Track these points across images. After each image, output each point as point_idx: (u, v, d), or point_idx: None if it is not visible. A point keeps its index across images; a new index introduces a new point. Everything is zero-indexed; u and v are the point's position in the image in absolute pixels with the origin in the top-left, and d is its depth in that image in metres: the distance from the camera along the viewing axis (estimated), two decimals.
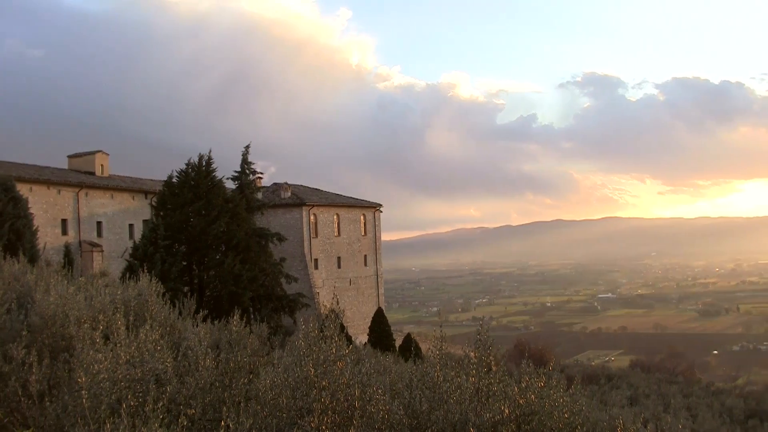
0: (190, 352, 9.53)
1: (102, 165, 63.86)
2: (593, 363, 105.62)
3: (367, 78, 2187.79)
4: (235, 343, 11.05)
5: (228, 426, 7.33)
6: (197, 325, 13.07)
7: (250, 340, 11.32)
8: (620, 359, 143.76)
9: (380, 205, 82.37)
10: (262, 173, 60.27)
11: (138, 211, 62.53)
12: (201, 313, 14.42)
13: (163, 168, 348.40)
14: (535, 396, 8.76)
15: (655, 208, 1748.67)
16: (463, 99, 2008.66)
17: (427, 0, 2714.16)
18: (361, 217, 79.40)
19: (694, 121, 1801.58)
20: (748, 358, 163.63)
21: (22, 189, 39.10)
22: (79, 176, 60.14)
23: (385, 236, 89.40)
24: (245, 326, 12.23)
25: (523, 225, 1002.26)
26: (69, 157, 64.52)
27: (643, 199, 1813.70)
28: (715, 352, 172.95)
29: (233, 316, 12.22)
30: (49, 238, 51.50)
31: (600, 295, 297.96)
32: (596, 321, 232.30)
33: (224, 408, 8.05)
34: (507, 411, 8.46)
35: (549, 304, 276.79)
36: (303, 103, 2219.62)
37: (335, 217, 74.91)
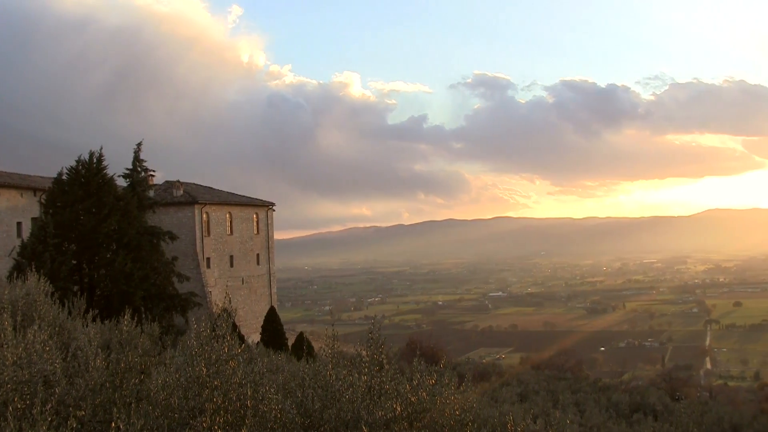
0: (79, 352, 9.40)
1: None
2: (484, 360, 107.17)
3: (257, 76, 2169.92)
4: (126, 343, 10.95)
5: (119, 427, 7.27)
6: (87, 325, 12.87)
7: (141, 339, 11.22)
8: (511, 357, 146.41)
9: (273, 204, 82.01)
10: (154, 171, 59.43)
11: (26, 208, 61.01)
12: (91, 313, 14.21)
13: (52, 165, 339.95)
14: (427, 393, 8.89)
15: (545, 208, 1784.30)
16: (354, 98, 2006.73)
17: (319, 0, 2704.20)
18: (254, 216, 78.91)
19: (581, 123, 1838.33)
20: (633, 354, 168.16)
21: None
22: None
23: (278, 235, 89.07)
24: (136, 326, 12.12)
25: (415, 224, 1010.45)
26: None
27: (533, 199, 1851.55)
28: (603, 348, 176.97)
29: (124, 316, 12.10)
30: None
31: (491, 294, 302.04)
32: (487, 319, 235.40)
33: (115, 409, 7.97)
34: (399, 409, 8.56)
35: (441, 303, 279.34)
36: (193, 100, 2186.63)
37: (228, 215, 74.30)
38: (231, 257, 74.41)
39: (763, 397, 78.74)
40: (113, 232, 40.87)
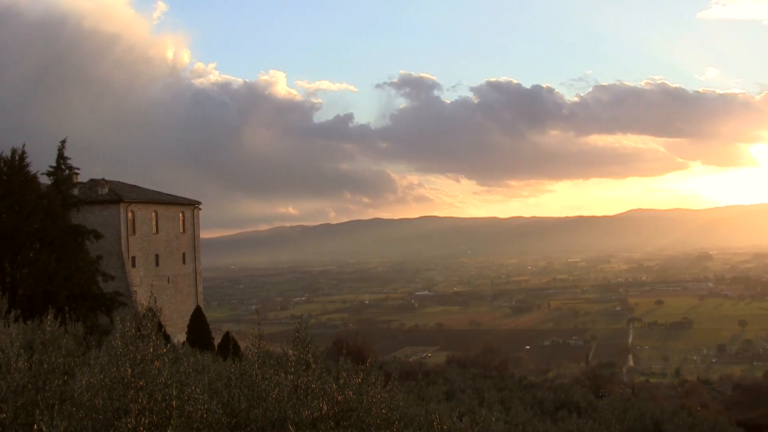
0: (1, 353, 9.27)
1: None
2: (411, 359, 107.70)
3: (182, 74, 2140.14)
4: (49, 344, 10.80)
5: (41, 429, 7.18)
6: (9, 326, 12.69)
7: (65, 340, 11.08)
8: (437, 355, 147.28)
9: (199, 203, 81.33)
10: (78, 169, 58.60)
11: None
12: (13, 313, 14.01)
13: None
14: (354, 392, 8.92)
15: (470, 207, 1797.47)
16: (280, 97, 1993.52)
17: None
18: (180, 215, 78.17)
19: (507, 123, 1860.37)
20: (558, 352, 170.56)
21: None
22: None
23: (204, 234, 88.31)
24: (60, 326, 11.96)
25: (341, 224, 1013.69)
26: None
27: (459, 199, 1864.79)
28: (528, 347, 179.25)
29: (47, 316, 11.94)
30: None
31: (417, 293, 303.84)
32: (413, 318, 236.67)
33: (37, 411, 7.88)
34: (326, 408, 8.58)
35: (367, 302, 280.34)
36: (117, 98, 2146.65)
37: (153, 214, 73.48)
38: (157, 256, 73.65)
39: (683, 393, 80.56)
40: (36, 231, 40.28)
